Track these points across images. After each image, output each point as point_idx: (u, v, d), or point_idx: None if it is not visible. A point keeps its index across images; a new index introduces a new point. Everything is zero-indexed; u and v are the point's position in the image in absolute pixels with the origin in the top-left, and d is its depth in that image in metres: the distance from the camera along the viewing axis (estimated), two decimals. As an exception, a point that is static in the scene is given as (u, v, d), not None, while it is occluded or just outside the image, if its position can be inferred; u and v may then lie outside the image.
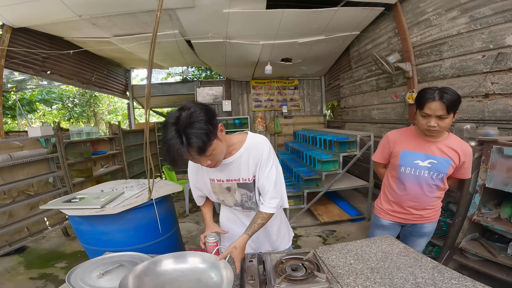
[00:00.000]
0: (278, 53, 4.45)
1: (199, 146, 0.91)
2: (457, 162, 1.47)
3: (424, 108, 1.38)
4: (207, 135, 0.92)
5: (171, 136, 0.91)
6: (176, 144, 0.90)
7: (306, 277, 1.02)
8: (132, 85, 6.76)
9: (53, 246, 3.29)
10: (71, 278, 1.10)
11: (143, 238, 2.07)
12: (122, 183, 2.70)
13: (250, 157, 1.17)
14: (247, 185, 1.22)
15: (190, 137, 0.90)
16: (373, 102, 4.43)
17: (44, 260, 2.92)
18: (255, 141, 1.19)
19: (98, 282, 1.10)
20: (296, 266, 1.10)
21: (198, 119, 0.92)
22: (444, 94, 1.33)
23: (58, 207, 2.02)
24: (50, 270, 2.71)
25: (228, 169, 1.19)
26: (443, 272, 1.05)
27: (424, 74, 3.31)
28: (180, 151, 0.90)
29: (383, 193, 1.74)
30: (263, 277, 1.07)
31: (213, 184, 1.26)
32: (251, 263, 1.15)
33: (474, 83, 2.69)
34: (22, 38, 3.49)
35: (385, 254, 1.24)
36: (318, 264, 1.10)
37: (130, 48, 4.33)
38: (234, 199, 1.28)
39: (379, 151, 1.72)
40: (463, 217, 1.95)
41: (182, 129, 0.90)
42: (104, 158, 4.63)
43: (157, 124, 6.45)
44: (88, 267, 1.19)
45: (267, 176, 1.19)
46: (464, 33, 2.73)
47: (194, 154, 0.94)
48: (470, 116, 2.76)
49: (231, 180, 1.22)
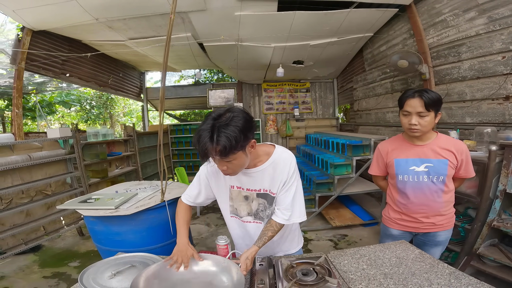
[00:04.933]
0: (289, 55, 4.43)
1: (224, 146, 0.94)
2: (454, 161, 1.43)
3: (404, 106, 1.43)
4: (236, 141, 0.95)
5: (206, 127, 0.96)
6: (206, 136, 0.94)
7: (316, 282, 0.99)
8: (146, 88, 6.91)
9: (67, 245, 3.37)
10: (83, 278, 1.11)
11: (155, 239, 2.11)
12: (135, 184, 2.76)
13: (276, 172, 1.19)
14: (267, 196, 1.23)
15: (220, 135, 0.93)
16: (387, 105, 4.33)
17: (58, 259, 2.99)
18: (282, 156, 1.20)
19: (110, 283, 1.11)
20: (307, 270, 1.07)
21: (235, 125, 0.96)
22: (423, 92, 1.38)
23: (74, 207, 2.08)
24: (64, 269, 2.77)
25: (251, 178, 1.21)
26: (460, 278, 1.01)
27: (441, 76, 3.21)
28: (206, 144, 0.94)
29: (389, 203, 1.69)
30: (272, 281, 1.05)
31: (232, 190, 1.28)
32: (261, 266, 1.14)
33: (494, 85, 2.59)
34: (42, 41, 3.61)
35: (400, 260, 1.20)
36: (329, 269, 1.07)
37: (144, 51, 4.43)
38: (250, 208, 1.28)
39: (374, 164, 1.69)
40: (483, 223, 1.86)
41: (218, 125, 0.95)
42: (118, 160, 4.75)
43: (170, 126, 6.54)
44: (100, 267, 1.21)
45: (287, 190, 1.20)
46: (483, 34, 2.64)
47: (217, 152, 0.96)
48: (490, 119, 2.65)
49: (251, 190, 1.24)
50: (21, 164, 2.87)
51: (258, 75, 5.68)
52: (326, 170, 3.48)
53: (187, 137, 6.40)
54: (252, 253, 1.14)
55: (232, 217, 1.35)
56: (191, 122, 6.88)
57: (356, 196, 4.34)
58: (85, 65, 4.62)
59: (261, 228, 1.28)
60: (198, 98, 6.74)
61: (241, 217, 1.32)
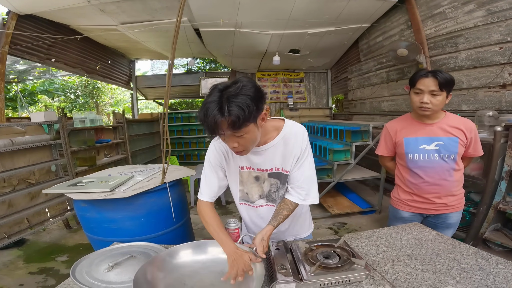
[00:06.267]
0: (286, 43, 4.37)
1: (237, 116, 0.84)
2: (464, 140, 1.43)
3: (417, 84, 1.42)
4: (249, 110, 0.85)
5: (213, 99, 0.86)
6: (215, 108, 0.84)
7: (341, 264, 0.95)
8: (136, 76, 6.69)
9: (53, 239, 3.17)
10: (75, 272, 0.99)
11: (155, 226, 1.95)
12: (130, 168, 2.55)
13: (287, 147, 1.10)
14: (279, 175, 1.15)
15: (231, 105, 0.84)
16: (383, 94, 4.37)
17: (44, 253, 2.81)
18: (293, 130, 1.11)
19: (107, 276, 0.99)
20: (328, 253, 1.03)
21: (246, 93, 0.86)
22: (438, 72, 1.38)
23: (63, 191, 1.86)
24: (51, 264, 2.59)
25: (261, 157, 1.12)
26: (487, 258, 1.00)
27: (438, 66, 3.25)
28: (216, 117, 0.84)
29: (398, 184, 1.66)
30: (293, 266, 0.99)
31: (242, 172, 1.18)
32: (278, 251, 1.07)
33: (491, 74, 2.65)
34: (27, 25, 3.40)
35: (419, 241, 1.19)
36: (352, 251, 1.03)
37: (136, 36, 4.25)
38: (262, 189, 1.20)
39: (382, 144, 1.67)
40: (488, 206, 1.89)
41: (226, 96, 0.85)
42: (107, 147, 4.51)
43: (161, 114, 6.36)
44: (94, 259, 1.09)
45: (300, 166, 1.12)
46: (481, 26, 2.69)
47: (228, 125, 0.86)
48: (486, 106, 2.71)
49: (262, 170, 1.15)
50: (2, 149, 2.64)
51: (253, 64, 5.59)
52: (324, 157, 3.48)
53: (179, 126, 6.26)
54: (267, 233, 1.07)
55: (242, 204, 1.27)
56: (183, 111, 6.70)
57: (351, 185, 4.39)
58: (72, 51, 4.39)
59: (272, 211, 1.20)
60: (190, 87, 6.59)
61: (252, 202, 1.24)
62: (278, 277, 0.89)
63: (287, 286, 0.88)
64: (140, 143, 5.49)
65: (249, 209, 1.26)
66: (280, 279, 0.88)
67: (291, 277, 0.89)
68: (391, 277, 0.92)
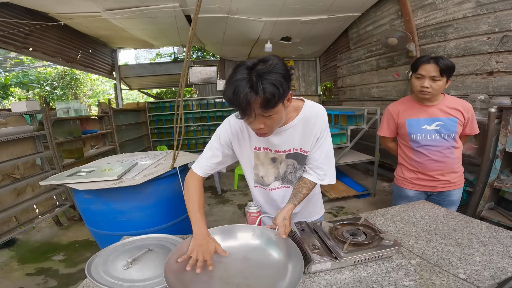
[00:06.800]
0: (279, 31, 4.34)
1: (272, 94, 0.80)
2: (462, 119, 1.54)
3: (419, 70, 1.50)
4: (282, 88, 0.82)
5: (241, 77, 0.80)
6: (246, 86, 0.79)
7: (370, 241, 0.97)
8: (119, 65, 6.42)
9: (45, 237, 3.03)
10: (92, 272, 0.91)
11: (166, 216, 1.83)
12: (129, 155, 2.43)
13: (307, 128, 1.07)
14: (298, 156, 1.12)
15: (264, 82, 0.79)
16: (372, 80, 4.49)
17: (38, 253, 2.68)
18: (314, 110, 1.09)
19: (128, 274, 0.91)
20: (353, 231, 1.04)
21: (279, 71, 0.82)
22: (439, 58, 1.46)
23: (63, 181, 1.69)
24: (48, 264, 2.48)
25: (280, 138, 1.08)
26: (500, 232, 1.08)
27: (427, 54, 3.36)
28: (248, 95, 0.79)
29: (402, 163, 1.74)
30: (323, 245, 0.98)
31: (258, 153, 1.12)
32: (304, 232, 1.06)
33: (478, 62, 2.78)
34: (2, 13, 3.15)
35: (432, 218, 1.25)
36: (376, 228, 1.05)
37: (122, 24, 4.05)
38: (277, 171, 1.16)
39: (384, 125, 1.76)
40: (484, 184, 2.02)
41: (257, 74, 0.80)
42: (94, 138, 4.33)
43: (148, 104, 6.16)
44: (108, 256, 1.01)
45: (320, 146, 1.11)
46: (470, 17, 2.80)
47: (261, 104, 0.82)
48: (474, 91, 2.86)
49: (280, 151, 1.11)
50: (-17, 142, 2.44)
51: (243, 52, 5.52)
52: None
53: (167, 115, 6.11)
54: (289, 212, 1.04)
55: (256, 187, 1.24)
56: (170, 99, 6.54)
57: (344, 169, 4.53)
58: (51, 40, 4.14)
59: (289, 193, 1.18)
60: (178, 76, 6.41)
61: (267, 185, 1.20)
62: (314, 257, 0.89)
63: (323, 265, 0.90)
64: (128, 133, 5.34)
65: (263, 192, 1.24)
66: (317, 259, 0.89)
67: (327, 256, 0.90)
68: (418, 251, 0.98)
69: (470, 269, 0.87)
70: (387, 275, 0.87)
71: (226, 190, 4.29)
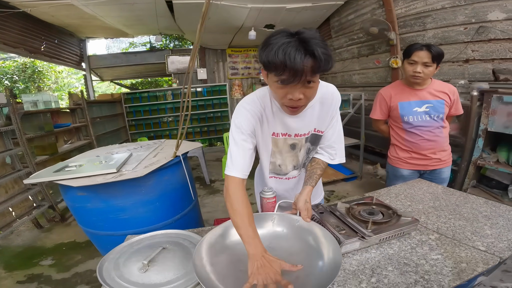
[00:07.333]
0: (263, 18, 4.28)
1: (326, 55, 0.76)
2: (448, 101, 1.69)
3: (412, 56, 1.61)
4: (331, 53, 0.78)
5: (286, 41, 0.75)
6: (296, 48, 0.74)
7: (389, 219, 1.01)
8: (89, 56, 6.00)
9: (27, 241, 2.83)
10: (106, 279, 0.82)
11: (171, 210, 1.74)
12: (117, 147, 2.25)
13: (324, 108, 1.06)
14: (314, 137, 1.10)
15: (315, 46, 0.74)
16: (354, 68, 4.63)
17: (24, 258, 2.50)
18: (329, 90, 1.07)
19: (148, 277, 0.83)
20: (370, 210, 1.07)
21: (320, 39, 0.78)
22: (431, 46, 1.58)
23: (52, 178, 1.49)
24: (37, 269, 2.31)
25: (299, 120, 1.03)
26: (498, 206, 1.19)
27: (407, 43, 3.52)
28: (301, 58, 0.73)
29: (395, 144, 1.86)
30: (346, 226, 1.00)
31: (276, 140, 1.06)
32: (323, 214, 1.07)
33: (455, 50, 2.97)
34: None
35: (433, 195, 1.34)
36: (390, 206, 1.08)
37: (94, 12, 3.77)
38: (297, 159, 1.13)
39: (377, 109, 1.86)
40: (468, 162, 2.21)
41: (304, 38, 0.75)
42: (67, 133, 4.03)
43: (124, 94, 5.80)
44: (117, 259, 0.93)
45: (332, 126, 1.11)
46: (448, 8, 2.96)
47: (313, 68, 0.76)
48: (451, 77, 3.06)
49: (300, 135, 1.06)
50: None
51: (225, 40, 5.40)
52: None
53: (145, 106, 5.80)
54: (308, 194, 1.03)
55: (271, 178, 1.19)
56: (148, 90, 6.24)
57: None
58: (12, 30, 3.78)
59: (303, 177, 1.16)
60: (155, 65, 6.17)
61: (284, 174, 1.17)
62: (343, 238, 0.91)
63: (352, 246, 0.93)
64: (104, 126, 5.05)
65: (278, 182, 1.20)
66: (347, 240, 0.91)
67: (355, 236, 0.92)
68: (433, 226, 1.06)
69: (486, 241, 0.94)
70: (413, 250, 0.92)
71: (214, 180, 4.27)
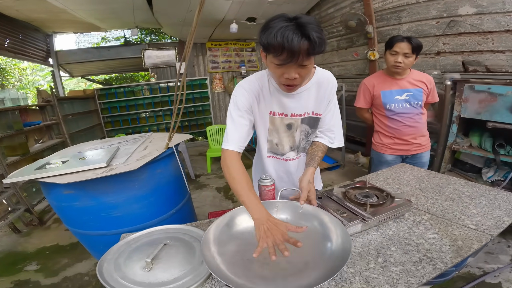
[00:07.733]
0: (245, 11, 4.26)
1: (320, 38, 0.82)
2: (426, 90, 1.84)
3: (393, 47, 1.72)
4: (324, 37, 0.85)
5: (284, 25, 0.81)
6: (296, 32, 0.80)
7: (384, 201, 1.06)
8: (57, 51, 5.61)
9: (6, 247, 2.67)
10: (110, 281, 0.77)
11: (166, 204, 1.69)
12: (100, 142, 2.15)
13: (320, 91, 1.10)
14: (311, 120, 1.14)
15: (311, 29, 0.81)
16: (333, 60, 4.77)
17: (6, 264, 2.37)
18: (325, 74, 1.12)
19: (154, 276, 0.79)
20: (365, 193, 1.12)
21: (316, 24, 0.84)
22: (411, 38, 1.70)
23: (34, 176, 1.39)
24: (23, 275, 2.20)
25: (295, 101, 1.08)
26: (478, 186, 1.28)
27: (383, 36, 3.70)
28: (297, 40, 0.80)
29: (379, 131, 1.98)
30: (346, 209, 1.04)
31: (273, 118, 1.10)
32: (321, 199, 1.12)
33: (427, 43, 3.15)
34: None
35: (418, 178, 1.43)
36: (383, 189, 1.13)
37: (65, 5, 3.54)
38: (293, 139, 1.16)
39: (361, 98, 1.98)
40: (444, 147, 2.39)
41: (301, 23, 0.82)
42: (37, 131, 3.77)
43: (97, 90, 5.53)
44: (116, 260, 0.88)
45: (330, 110, 1.15)
46: (422, 2, 3.13)
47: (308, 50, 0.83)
48: (424, 69, 3.22)
49: (296, 115, 1.10)
50: None
51: (205, 33, 5.30)
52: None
53: (121, 101, 5.57)
54: (312, 175, 1.06)
55: (269, 157, 1.21)
56: (124, 85, 5.99)
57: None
58: None
59: (303, 162, 1.20)
60: (130, 60, 5.92)
61: (282, 155, 1.19)
62: (345, 221, 0.95)
63: (354, 228, 0.98)
64: (77, 124, 4.79)
65: (277, 163, 1.22)
66: (350, 223, 0.95)
67: (357, 219, 0.97)
68: (423, 207, 1.13)
69: (475, 220, 0.99)
70: (410, 231, 0.97)
71: (199, 174, 4.25)
